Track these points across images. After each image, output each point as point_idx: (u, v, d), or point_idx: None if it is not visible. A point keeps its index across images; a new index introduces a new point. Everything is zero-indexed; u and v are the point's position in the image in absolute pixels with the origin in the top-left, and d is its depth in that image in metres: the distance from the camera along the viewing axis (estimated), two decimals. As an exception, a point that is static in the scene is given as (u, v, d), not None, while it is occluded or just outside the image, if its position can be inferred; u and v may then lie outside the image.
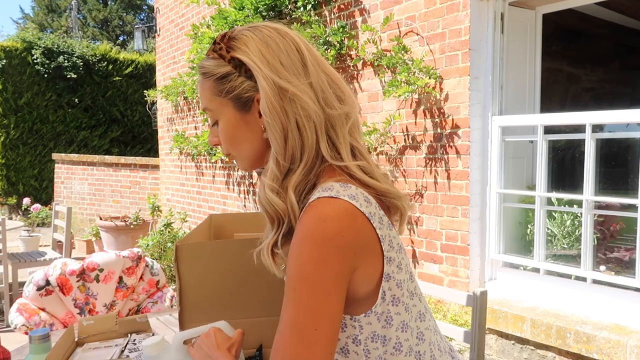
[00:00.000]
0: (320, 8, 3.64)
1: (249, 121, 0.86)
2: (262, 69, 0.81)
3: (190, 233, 1.34)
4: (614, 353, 2.11)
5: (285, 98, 0.80)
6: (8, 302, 4.07)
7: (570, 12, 3.16)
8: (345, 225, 0.74)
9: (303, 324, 0.73)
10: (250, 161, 0.90)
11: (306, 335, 0.73)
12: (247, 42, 0.84)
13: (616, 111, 2.35)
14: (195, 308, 1.17)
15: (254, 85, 0.83)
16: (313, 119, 0.80)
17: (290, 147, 0.80)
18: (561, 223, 2.65)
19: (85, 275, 2.92)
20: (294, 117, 0.80)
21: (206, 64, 0.88)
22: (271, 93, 0.80)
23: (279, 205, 0.80)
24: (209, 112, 0.90)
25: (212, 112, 0.89)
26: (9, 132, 9.43)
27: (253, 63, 0.82)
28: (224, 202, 5.04)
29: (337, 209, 0.75)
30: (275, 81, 0.80)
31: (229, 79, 0.84)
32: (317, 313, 0.73)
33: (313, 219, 0.75)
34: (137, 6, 22.46)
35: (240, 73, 0.84)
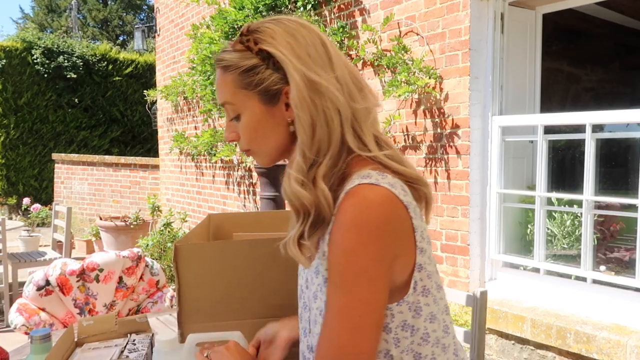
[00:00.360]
0: (320, 8, 3.64)
1: (274, 114, 0.85)
2: (293, 61, 0.81)
3: (189, 233, 1.34)
4: (614, 353, 2.11)
5: (315, 91, 0.80)
6: (8, 302, 4.07)
7: (570, 12, 3.16)
8: (388, 212, 0.75)
9: (350, 311, 0.74)
10: (272, 156, 0.89)
11: (353, 322, 0.74)
12: (273, 34, 0.83)
13: (616, 111, 2.35)
14: (194, 308, 1.17)
15: (281, 78, 0.82)
16: (340, 112, 0.81)
17: (317, 139, 0.80)
18: (561, 223, 2.65)
19: (85, 275, 2.92)
20: (322, 110, 0.80)
21: (228, 56, 0.85)
22: (302, 85, 0.80)
23: (305, 196, 0.79)
24: (229, 106, 0.87)
25: (233, 106, 0.87)
26: (9, 132, 9.43)
27: (283, 55, 0.81)
28: (224, 202, 5.04)
29: (379, 196, 0.75)
30: (305, 74, 0.80)
31: (256, 71, 0.83)
32: (364, 300, 0.74)
33: (357, 205, 0.75)
34: (137, 6, 22.46)
35: (267, 65, 0.83)
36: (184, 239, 1.24)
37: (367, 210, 0.74)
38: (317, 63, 0.82)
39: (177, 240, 1.56)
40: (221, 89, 0.87)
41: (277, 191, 3.15)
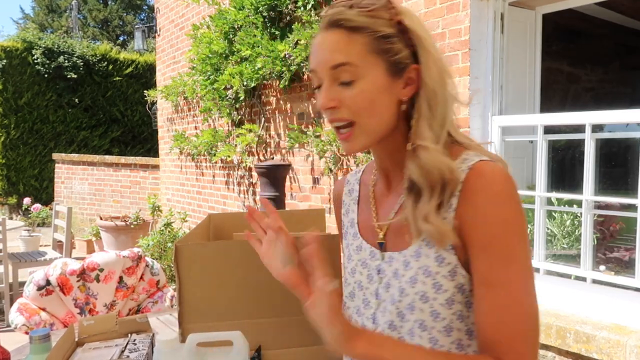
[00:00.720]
0: (320, 8, 3.65)
1: (392, 89, 0.82)
2: (430, 41, 0.82)
3: (189, 233, 1.34)
4: (614, 353, 2.12)
5: (446, 71, 0.83)
6: (8, 302, 4.07)
7: (570, 12, 3.16)
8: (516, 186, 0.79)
9: (527, 277, 0.76)
10: (375, 134, 0.83)
11: (531, 287, 0.76)
12: (408, 12, 0.83)
13: (616, 111, 2.35)
14: (194, 308, 1.17)
15: (410, 55, 0.82)
16: (453, 96, 0.84)
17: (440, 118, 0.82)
18: (561, 223, 2.65)
19: (86, 275, 2.92)
20: (444, 93, 0.82)
21: (360, 18, 0.80)
22: (440, 64, 0.82)
23: (449, 164, 0.78)
24: (347, 68, 0.80)
25: (354, 69, 0.80)
26: (9, 132, 9.43)
27: (422, 33, 0.82)
28: (224, 202, 5.05)
29: (505, 171, 0.78)
30: (439, 56, 0.83)
31: (392, 41, 0.81)
32: (530, 265, 0.78)
33: (496, 178, 0.77)
34: (137, 6, 22.47)
35: (400, 39, 0.81)
36: (184, 239, 1.24)
37: (507, 182, 0.77)
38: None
39: (177, 240, 1.56)
40: (341, 49, 0.80)
41: (277, 191, 3.16)
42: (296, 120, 3.99)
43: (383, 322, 0.85)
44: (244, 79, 4.07)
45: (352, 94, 0.80)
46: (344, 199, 1.01)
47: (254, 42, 3.94)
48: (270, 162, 3.43)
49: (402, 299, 0.83)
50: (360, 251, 0.92)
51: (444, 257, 0.80)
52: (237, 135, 4.45)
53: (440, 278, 0.80)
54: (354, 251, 0.94)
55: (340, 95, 0.81)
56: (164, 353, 1.01)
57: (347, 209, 1.00)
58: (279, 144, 4.22)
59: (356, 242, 0.94)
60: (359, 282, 0.91)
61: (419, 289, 0.81)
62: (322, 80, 0.83)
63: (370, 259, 0.90)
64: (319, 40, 0.83)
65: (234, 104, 4.56)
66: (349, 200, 1.00)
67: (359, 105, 0.81)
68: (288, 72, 3.74)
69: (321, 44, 0.83)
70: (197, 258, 1.16)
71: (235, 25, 4.27)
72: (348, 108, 0.81)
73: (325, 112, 0.83)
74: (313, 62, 0.84)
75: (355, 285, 0.91)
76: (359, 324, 0.89)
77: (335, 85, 0.81)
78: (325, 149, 3.53)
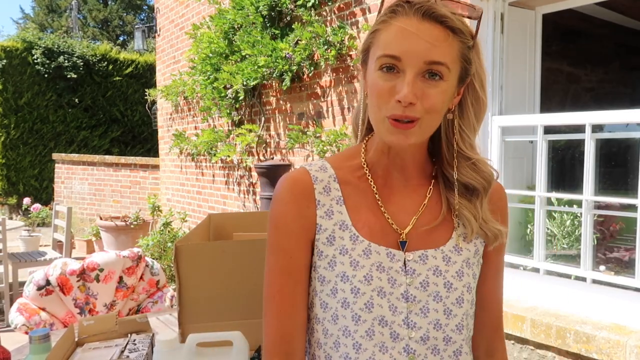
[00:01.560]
0: (320, 8, 3.65)
1: (453, 96, 0.85)
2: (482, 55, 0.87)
3: (189, 233, 1.34)
4: (614, 353, 2.12)
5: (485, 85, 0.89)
6: (8, 302, 4.07)
7: (570, 12, 3.16)
8: None
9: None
10: (427, 135, 0.85)
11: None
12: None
13: (616, 111, 2.35)
14: (194, 308, 1.17)
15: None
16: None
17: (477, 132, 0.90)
18: (561, 223, 2.65)
19: (86, 275, 2.92)
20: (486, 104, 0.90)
21: (461, 25, 0.81)
22: (482, 79, 0.87)
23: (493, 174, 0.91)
24: (441, 67, 0.79)
25: (445, 70, 0.79)
26: (9, 132, 9.44)
27: (479, 48, 0.86)
28: (224, 202, 5.05)
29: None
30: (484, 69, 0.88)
31: (470, 51, 0.83)
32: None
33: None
34: (137, 6, 22.47)
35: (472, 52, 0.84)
36: (184, 239, 1.24)
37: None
38: None
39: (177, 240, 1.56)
40: (442, 47, 0.79)
41: (277, 191, 3.16)
42: (296, 120, 3.99)
43: (425, 323, 0.83)
44: (244, 78, 4.06)
45: (435, 92, 0.79)
46: (319, 199, 0.87)
47: (254, 42, 3.94)
48: (270, 162, 3.44)
49: (450, 294, 0.85)
50: (370, 255, 0.84)
51: (478, 249, 0.91)
52: (237, 135, 4.45)
53: (475, 268, 0.90)
54: (361, 256, 0.84)
55: (422, 92, 0.79)
56: (164, 353, 1.01)
57: (329, 211, 0.87)
58: (279, 144, 4.22)
59: (360, 246, 0.85)
60: (380, 289, 0.83)
61: (465, 281, 0.87)
62: (405, 70, 0.78)
63: (390, 260, 0.84)
64: (413, 29, 0.78)
65: (234, 104, 4.57)
66: (328, 200, 0.88)
67: (433, 105, 0.79)
68: (288, 72, 3.74)
69: (418, 33, 0.78)
70: (197, 258, 1.16)
71: (235, 25, 4.27)
72: (423, 106, 0.79)
73: (398, 104, 0.78)
74: (400, 49, 0.78)
75: (374, 294, 0.83)
76: (385, 335, 0.82)
77: (418, 80, 0.79)
78: (326, 149, 3.53)
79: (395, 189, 0.90)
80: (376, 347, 0.82)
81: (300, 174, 0.89)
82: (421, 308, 0.83)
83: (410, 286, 0.84)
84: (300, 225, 0.86)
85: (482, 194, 0.89)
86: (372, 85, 0.82)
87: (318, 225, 0.86)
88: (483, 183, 0.88)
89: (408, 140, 0.81)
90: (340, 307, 0.83)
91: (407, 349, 0.83)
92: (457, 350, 0.85)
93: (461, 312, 0.85)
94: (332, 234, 0.86)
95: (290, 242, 0.86)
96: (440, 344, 0.84)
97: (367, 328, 0.82)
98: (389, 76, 0.79)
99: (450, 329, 0.84)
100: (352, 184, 0.89)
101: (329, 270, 0.85)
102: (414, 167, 0.90)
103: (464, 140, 0.88)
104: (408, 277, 0.84)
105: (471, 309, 0.89)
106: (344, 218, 0.87)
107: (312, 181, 0.88)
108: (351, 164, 0.91)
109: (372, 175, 0.90)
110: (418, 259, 0.85)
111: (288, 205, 0.87)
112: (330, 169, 0.90)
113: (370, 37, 0.84)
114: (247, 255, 1.19)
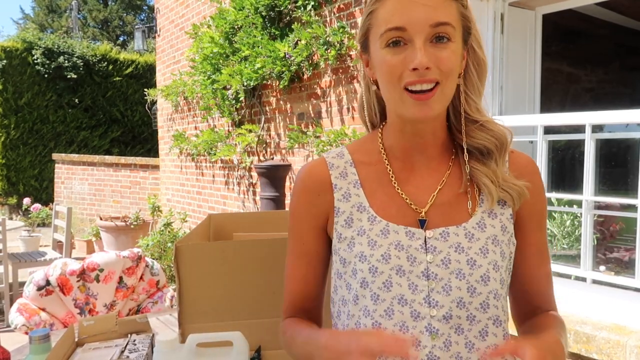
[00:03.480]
0: (320, 8, 3.65)
1: (462, 58, 0.85)
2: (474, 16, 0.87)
3: (189, 233, 1.34)
4: (614, 353, 2.12)
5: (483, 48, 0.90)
6: (8, 302, 4.07)
7: (570, 12, 3.16)
8: None
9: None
10: (447, 101, 0.84)
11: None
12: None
13: (616, 111, 2.35)
14: (194, 308, 1.17)
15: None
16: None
17: (482, 95, 0.91)
18: (561, 223, 2.65)
19: (86, 275, 2.92)
20: (486, 68, 0.91)
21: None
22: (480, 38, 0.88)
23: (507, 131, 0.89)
24: (447, 28, 0.79)
25: (451, 30, 0.80)
26: (9, 132, 9.44)
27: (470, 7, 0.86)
28: (224, 202, 5.05)
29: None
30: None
31: (466, 10, 0.84)
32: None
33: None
34: (137, 6, 22.47)
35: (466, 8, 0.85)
36: (184, 239, 1.24)
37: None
38: None
39: (177, 240, 1.56)
40: (444, 8, 0.80)
41: (277, 191, 3.16)
42: (296, 120, 3.99)
43: (447, 301, 0.81)
44: (244, 79, 4.07)
45: (447, 54, 0.79)
46: (336, 183, 0.90)
47: (254, 42, 3.95)
48: (270, 162, 3.44)
49: (474, 271, 0.82)
50: (388, 234, 0.84)
51: (506, 225, 0.87)
52: (237, 135, 4.45)
53: (504, 246, 0.85)
54: (379, 236, 0.84)
55: (434, 56, 0.78)
56: (164, 353, 1.01)
57: (346, 194, 0.89)
58: (279, 144, 4.22)
59: (378, 226, 0.85)
60: (399, 267, 0.82)
61: (491, 258, 0.83)
62: (413, 38, 0.78)
63: (409, 239, 0.84)
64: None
65: (234, 104, 4.57)
66: (345, 184, 0.90)
67: (449, 67, 0.79)
68: (288, 72, 3.74)
69: (418, 1, 0.78)
70: (197, 258, 1.16)
71: (235, 25, 4.27)
72: (439, 69, 0.79)
73: (414, 72, 0.78)
74: (402, 19, 0.78)
75: (393, 272, 0.82)
76: (405, 314, 0.81)
77: (428, 45, 0.79)
78: (326, 150, 3.53)
79: (416, 171, 0.89)
80: (396, 327, 0.81)
81: (315, 164, 0.94)
82: (443, 286, 0.81)
83: (432, 264, 0.82)
84: (311, 214, 0.91)
85: (495, 153, 0.87)
86: (381, 64, 0.82)
87: (336, 209, 0.89)
88: (494, 142, 0.86)
89: (432, 110, 0.80)
90: (359, 287, 0.83)
91: (429, 327, 0.80)
92: (482, 330, 0.82)
93: (486, 291, 0.82)
94: (350, 216, 0.88)
95: (302, 228, 0.92)
96: (464, 322, 0.81)
97: (386, 307, 0.82)
98: (396, 50, 0.80)
99: (475, 307, 0.81)
100: (369, 166, 0.91)
101: (348, 252, 0.86)
102: (435, 146, 0.89)
103: (470, 104, 0.87)
104: (429, 254, 0.83)
105: (502, 289, 0.84)
106: (361, 200, 0.88)
107: (328, 168, 0.92)
108: (368, 147, 0.94)
109: (389, 158, 0.91)
110: (439, 236, 0.84)
111: (300, 195, 0.93)
112: (348, 154, 0.93)
113: (368, 20, 0.85)
114: (248, 256, 1.19)
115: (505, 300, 0.87)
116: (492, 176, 0.86)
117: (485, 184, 0.85)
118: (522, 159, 0.91)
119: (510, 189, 0.85)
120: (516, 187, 0.85)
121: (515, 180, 0.86)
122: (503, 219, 0.87)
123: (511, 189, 0.85)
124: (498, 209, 0.87)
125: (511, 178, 0.86)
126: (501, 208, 0.87)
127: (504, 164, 0.88)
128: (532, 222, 0.90)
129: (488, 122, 0.88)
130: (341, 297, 0.88)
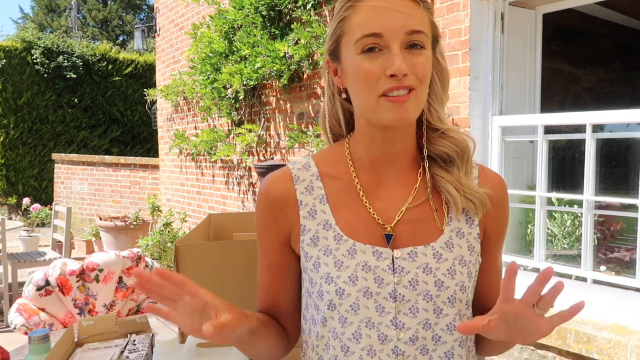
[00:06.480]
0: (320, 8, 3.64)
1: (431, 64, 0.85)
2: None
3: (189, 233, 1.34)
4: (615, 353, 2.11)
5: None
6: (8, 302, 4.06)
7: (570, 12, 3.16)
8: None
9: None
10: (421, 108, 0.84)
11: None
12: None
13: (616, 111, 2.35)
14: (195, 308, 1.16)
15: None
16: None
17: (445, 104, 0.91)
18: (561, 223, 2.65)
19: (85, 275, 2.92)
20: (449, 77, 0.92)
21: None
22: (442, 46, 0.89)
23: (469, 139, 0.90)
24: (421, 36, 0.80)
25: (425, 38, 0.80)
26: (9, 132, 9.43)
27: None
28: (224, 202, 5.04)
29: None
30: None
31: (434, 21, 0.85)
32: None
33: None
34: (137, 6, 22.47)
35: (432, 15, 0.86)
36: (184, 239, 1.24)
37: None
38: None
39: (177, 240, 1.56)
40: (417, 16, 0.80)
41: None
42: (296, 120, 3.98)
43: (414, 323, 0.81)
44: (244, 78, 4.06)
45: (422, 61, 0.80)
46: (302, 199, 0.86)
47: (254, 42, 3.94)
48: (270, 162, 3.43)
49: (441, 293, 0.81)
50: (355, 254, 0.82)
51: (473, 245, 0.86)
52: (236, 135, 4.44)
53: (471, 266, 0.85)
54: (345, 256, 0.82)
55: (410, 62, 0.79)
56: (164, 353, 1.01)
57: (312, 210, 0.86)
58: (279, 144, 4.22)
59: (345, 245, 0.82)
60: (366, 289, 0.80)
61: (458, 279, 0.82)
62: (389, 45, 0.78)
63: (376, 259, 0.81)
64: (386, 4, 0.79)
65: (234, 104, 4.56)
66: (311, 199, 0.86)
67: (424, 73, 0.80)
68: (288, 72, 3.74)
69: (393, 7, 0.78)
70: (197, 258, 1.16)
71: (235, 25, 4.27)
72: (415, 75, 0.79)
73: (391, 79, 0.77)
74: (379, 25, 0.78)
75: (360, 294, 0.80)
76: (373, 337, 0.80)
77: (403, 52, 0.79)
78: (325, 149, 3.53)
79: (384, 183, 0.87)
80: (364, 351, 0.80)
81: (280, 177, 0.89)
82: (410, 308, 0.81)
83: (399, 285, 0.81)
84: (273, 228, 0.88)
85: (457, 160, 0.87)
86: (357, 70, 0.80)
87: (302, 226, 0.85)
88: (455, 148, 0.87)
89: (408, 114, 0.79)
90: (327, 309, 0.82)
91: (396, 350, 0.80)
92: (448, 352, 0.82)
93: (453, 312, 0.82)
94: (316, 234, 0.84)
95: (264, 243, 0.90)
96: (429, 343, 0.81)
97: (353, 330, 0.81)
98: (372, 55, 0.79)
99: (440, 328, 0.81)
100: (336, 180, 0.88)
101: (315, 272, 0.83)
102: (405, 157, 0.88)
103: (432, 113, 0.87)
104: (396, 275, 0.81)
105: (467, 310, 0.85)
106: (328, 217, 0.85)
107: (294, 182, 0.87)
108: (336, 158, 0.90)
109: (357, 170, 0.88)
110: (407, 256, 0.82)
111: (264, 207, 0.89)
112: (314, 166, 0.89)
113: (340, 27, 0.83)
114: (247, 255, 1.18)
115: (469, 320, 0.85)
116: (455, 183, 0.85)
117: (449, 192, 0.85)
118: (492, 176, 0.91)
119: (473, 197, 0.85)
120: (479, 195, 0.85)
121: (478, 188, 0.86)
122: (470, 238, 0.86)
123: (474, 197, 0.85)
124: (466, 228, 0.86)
125: (474, 186, 0.86)
126: (469, 227, 0.86)
127: (469, 174, 0.88)
128: (498, 241, 0.91)
129: (449, 130, 0.88)
130: (311, 315, 0.87)
